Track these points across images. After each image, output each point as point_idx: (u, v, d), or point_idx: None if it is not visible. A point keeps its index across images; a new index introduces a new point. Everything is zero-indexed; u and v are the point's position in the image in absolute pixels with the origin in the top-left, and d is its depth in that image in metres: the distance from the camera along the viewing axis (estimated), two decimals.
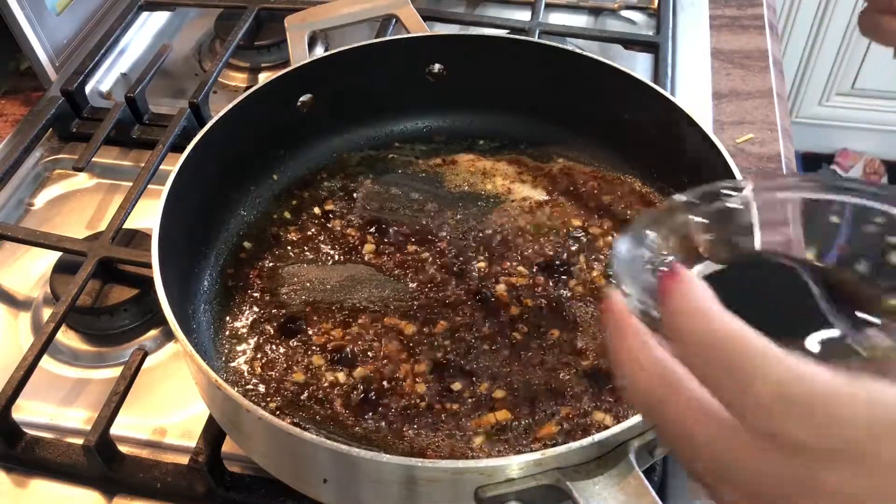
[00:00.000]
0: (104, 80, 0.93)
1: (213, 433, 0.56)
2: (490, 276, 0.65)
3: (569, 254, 0.67)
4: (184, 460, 0.56)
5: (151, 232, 0.57)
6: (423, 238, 0.69)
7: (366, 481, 0.47)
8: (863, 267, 0.36)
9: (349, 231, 0.70)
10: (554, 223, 0.70)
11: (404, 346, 0.61)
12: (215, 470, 0.56)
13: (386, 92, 0.76)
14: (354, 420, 0.57)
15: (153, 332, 0.69)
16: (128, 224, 0.71)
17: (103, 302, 0.68)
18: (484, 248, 0.68)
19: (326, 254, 0.68)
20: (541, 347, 0.61)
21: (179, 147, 0.65)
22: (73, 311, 0.65)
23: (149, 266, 0.55)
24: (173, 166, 0.61)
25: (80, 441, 0.56)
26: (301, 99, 0.73)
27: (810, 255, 0.38)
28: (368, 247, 0.68)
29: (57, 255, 0.71)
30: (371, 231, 0.70)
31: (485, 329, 0.62)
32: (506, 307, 0.63)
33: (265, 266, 0.68)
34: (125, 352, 0.67)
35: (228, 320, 0.64)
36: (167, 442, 0.61)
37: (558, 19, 0.99)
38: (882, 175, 2.22)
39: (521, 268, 0.66)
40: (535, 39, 0.85)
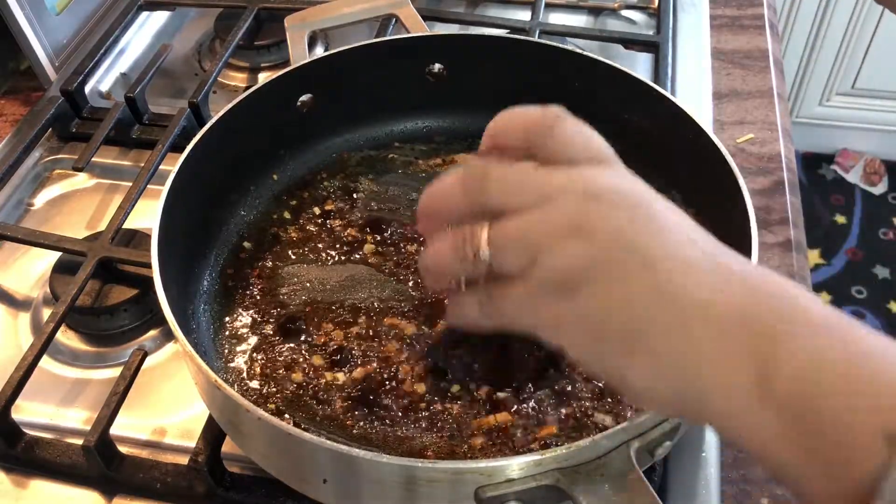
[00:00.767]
0: (104, 80, 0.93)
1: (213, 433, 0.56)
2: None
3: None
4: (184, 460, 0.56)
5: (151, 232, 0.56)
6: (424, 238, 0.69)
7: (366, 481, 0.47)
8: None
9: (349, 231, 0.70)
10: None
11: (404, 347, 0.61)
12: (215, 470, 0.56)
13: (386, 92, 0.76)
14: (354, 420, 0.57)
15: (153, 332, 0.69)
16: (127, 224, 0.71)
17: (103, 302, 0.68)
18: None
19: (326, 254, 0.68)
20: (542, 348, 0.61)
21: (179, 147, 0.65)
22: (73, 311, 0.65)
23: (148, 266, 0.55)
24: (173, 166, 0.61)
25: (80, 441, 0.56)
26: (301, 99, 0.73)
27: None
28: (368, 247, 0.68)
29: (56, 255, 0.71)
30: (371, 231, 0.70)
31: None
32: None
33: (265, 266, 0.68)
34: (125, 352, 0.67)
35: (228, 320, 0.64)
36: (167, 442, 0.61)
37: (558, 19, 0.99)
38: (882, 175, 2.22)
39: None
40: (535, 39, 0.85)
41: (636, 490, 0.43)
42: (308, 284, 0.66)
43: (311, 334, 0.62)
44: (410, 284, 0.65)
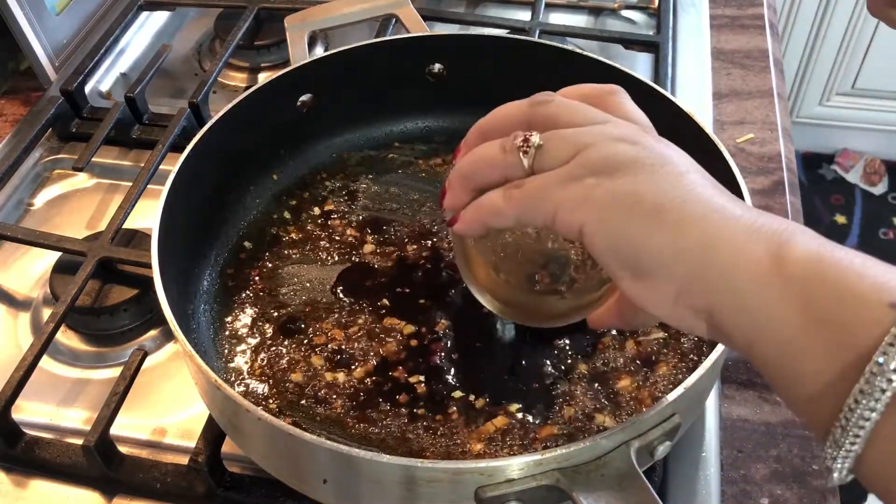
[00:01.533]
0: (104, 80, 0.93)
1: (213, 433, 0.56)
2: None
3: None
4: (184, 460, 0.56)
5: (151, 232, 0.57)
6: (423, 238, 0.69)
7: (365, 481, 0.47)
8: None
9: (349, 231, 0.70)
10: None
11: (404, 347, 0.61)
12: (215, 470, 0.56)
13: (386, 92, 0.76)
14: (354, 420, 0.57)
15: (153, 332, 0.69)
16: (127, 224, 0.71)
17: (103, 302, 0.68)
18: None
19: (326, 254, 0.68)
20: (543, 349, 0.61)
21: (179, 147, 0.65)
22: (73, 311, 0.65)
23: (148, 266, 0.55)
24: (173, 166, 0.61)
25: (80, 441, 0.56)
26: (301, 99, 0.73)
27: None
28: (368, 247, 0.68)
29: (56, 255, 0.71)
30: (371, 231, 0.70)
31: (486, 329, 0.62)
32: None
33: (265, 266, 0.68)
34: (125, 352, 0.67)
35: (228, 320, 0.64)
36: (167, 442, 0.61)
37: (558, 19, 0.99)
38: (882, 175, 2.22)
39: None
40: (535, 39, 0.85)
41: (636, 490, 0.43)
42: (308, 284, 0.66)
43: (311, 334, 0.62)
44: (410, 284, 0.65)
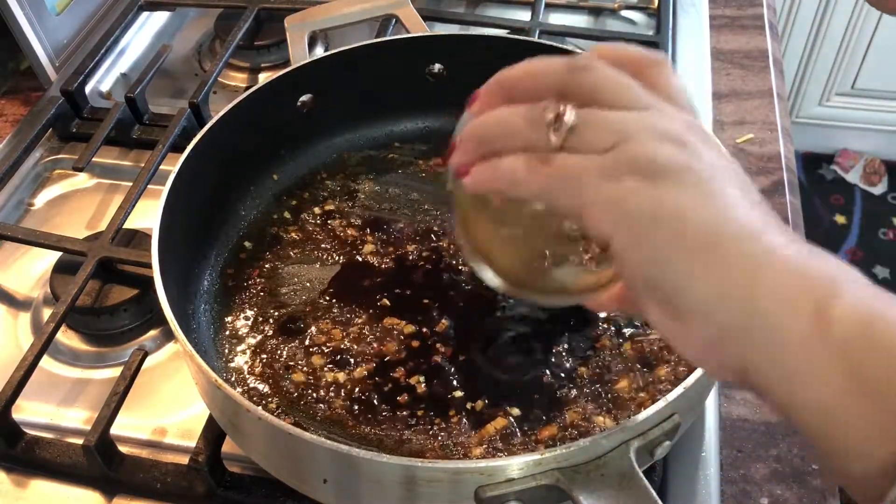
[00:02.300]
0: (104, 80, 0.93)
1: (213, 433, 0.56)
2: None
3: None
4: (184, 460, 0.56)
5: (151, 232, 0.57)
6: (423, 238, 0.69)
7: (365, 481, 0.47)
8: None
9: (349, 231, 0.70)
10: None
11: (404, 347, 0.61)
12: (215, 470, 0.56)
13: (386, 92, 0.76)
14: (354, 420, 0.57)
15: (153, 332, 0.69)
16: (128, 224, 0.71)
17: (103, 302, 0.68)
18: None
19: (326, 254, 0.68)
20: (543, 349, 0.61)
21: (179, 147, 0.65)
22: (73, 311, 0.65)
23: (149, 266, 0.55)
24: (173, 166, 0.61)
25: (80, 441, 0.56)
26: (301, 99, 0.73)
27: None
28: (368, 247, 0.68)
29: (57, 255, 0.71)
30: (371, 231, 0.70)
31: (487, 330, 0.62)
32: (507, 306, 0.63)
33: (265, 266, 0.68)
34: (125, 352, 0.67)
35: (228, 320, 0.64)
36: (167, 442, 0.61)
37: (558, 19, 0.99)
38: (882, 175, 2.22)
39: None
40: (535, 39, 0.85)
41: (636, 490, 0.43)
42: (308, 284, 0.66)
43: (311, 334, 0.62)
44: (410, 284, 0.65)
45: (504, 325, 0.62)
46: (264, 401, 0.59)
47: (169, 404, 0.64)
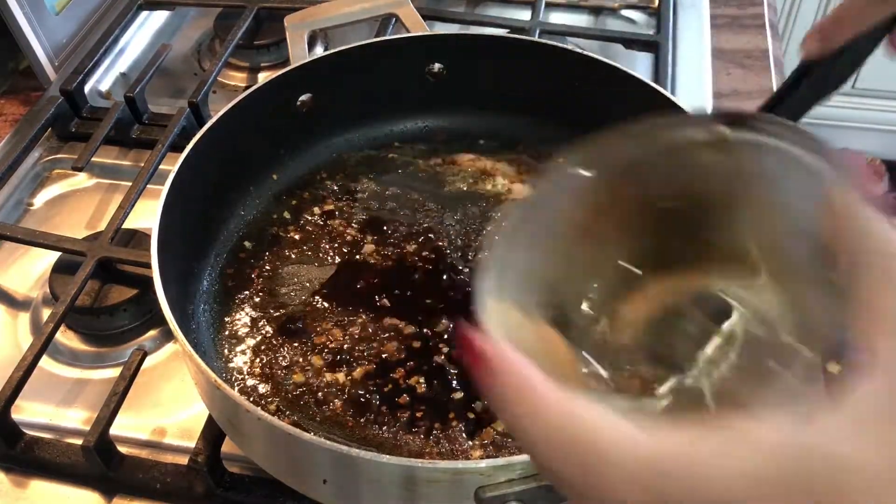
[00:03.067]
0: (103, 80, 0.93)
1: (213, 433, 0.56)
2: None
3: None
4: (183, 460, 0.56)
5: (151, 232, 0.56)
6: (423, 238, 0.69)
7: (365, 482, 0.47)
8: None
9: (349, 231, 0.70)
10: None
11: (404, 347, 0.61)
12: (215, 470, 0.56)
13: (386, 92, 0.76)
14: (354, 421, 0.57)
15: (153, 332, 0.69)
16: (127, 224, 0.71)
17: (102, 302, 0.68)
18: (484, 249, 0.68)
19: (326, 254, 0.68)
20: None
21: (179, 147, 0.65)
22: (73, 312, 0.65)
23: (148, 266, 0.55)
24: (173, 166, 0.61)
25: (80, 441, 0.56)
26: (301, 99, 0.73)
27: None
28: (368, 247, 0.68)
29: (56, 255, 0.71)
30: (371, 231, 0.69)
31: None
32: None
33: (265, 266, 0.67)
34: (125, 352, 0.67)
35: (228, 320, 0.64)
36: (167, 442, 0.61)
37: (558, 19, 0.99)
38: (882, 175, 2.22)
39: None
40: (535, 39, 0.84)
41: None
42: (308, 284, 0.66)
43: (311, 334, 0.62)
44: (410, 284, 0.65)
45: None
46: (264, 401, 0.59)
47: (169, 404, 0.63)
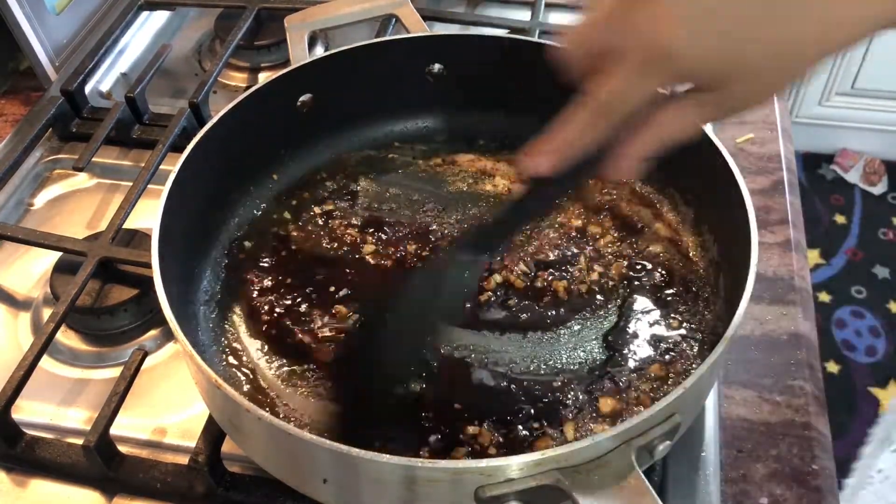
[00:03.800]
0: (104, 80, 0.93)
1: (213, 433, 0.56)
2: (491, 277, 0.65)
3: (569, 254, 0.67)
4: (184, 460, 0.56)
5: (151, 232, 0.57)
6: (424, 238, 0.69)
7: (366, 481, 0.47)
8: None
9: (349, 231, 0.70)
10: (554, 224, 0.70)
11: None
12: (215, 470, 0.56)
13: (386, 92, 0.76)
14: (354, 422, 0.57)
15: (153, 332, 0.69)
16: (128, 224, 0.71)
17: (103, 302, 0.68)
18: None
19: (326, 254, 0.68)
20: (542, 349, 0.61)
21: (179, 147, 0.65)
22: (73, 311, 0.65)
23: (149, 266, 0.55)
24: (173, 166, 0.61)
25: (80, 441, 0.56)
26: (301, 99, 0.73)
27: None
28: (368, 247, 0.68)
29: (57, 255, 0.71)
30: (371, 231, 0.70)
31: (485, 329, 0.62)
32: (507, 307, 0.63)
33: (265, 266, 0.68)
34: (125, 352, 0.67)
35: (229, 320, 0.64)
36: (167, 442, 0.61)
37: (558, 19, 0.99)
38: (882, 175, 2.22)
39: (522, 267, 0.66)
40: (535, 39, 0.84)
41: (636, 490, 0.43)
42: (308, 284, 0.66)
43: (311, 335, 0.62)
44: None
45: (504, 324, 0.62)
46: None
47: (169, 404, 0.64)
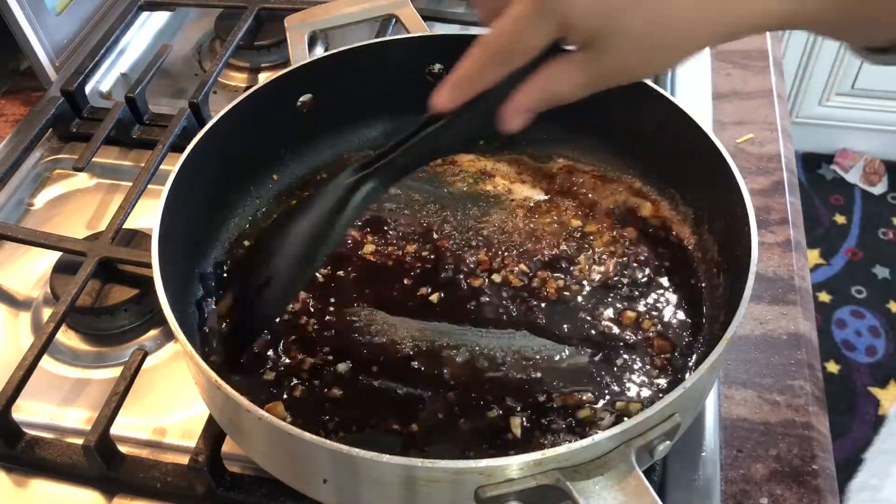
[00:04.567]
0: (104, 80, 0.93)
1: (213, 433, 0.56)
2: (490, 277, 0.65)
3: (569, 254, 0.67)
4: (184, 460, 0.56)
5: (151, 232, 0.57)
6: (424, 238, 0.69)
7: (366, 481, 0.47)
8: None
9: (349, 231, 0.70)
10: (554, 223, 0.70)
11: (405, 348, 0.61)
12: (215, 470, 0.56)
13: (386, 92, 0.76)
14: (354, 422, 0.57)
15: (153, 332, 0.69)
16: (128, 224, 0.71)
17: (103, 302, 0.68)
18: (484, 249, 0.68)
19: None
20: (542, 349, 0.61)
21: (179, 147, 0.65)
22: (73, 311, 0.65)
23: (149, 266, 0.55)
24: (173, 166, 0.61)
25: (80, 441, 0.56)
26: (301, 99, 0.73)
27: None
28: (368, 247, 0.68)
29: (57, 255, 0.71)
30: (371, 231, 0.70)
31: (485, 329, 0.62)
32: (507, 307, 0.63)
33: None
34: (125, 352, 0.67)
35: (229, 320, 0.64)
36: (167, 442, 0.61)
37: None
38: (882, 175, 2.22)
39: (522, 267, 0.66)
40: None
41: (636, 490, 0.43)
42: (308, 285, 0.66)
43: (312, 335, 0.62)
44: (411, 284, 0.65)
45: (504, 325, 0.62)
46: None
47: (169, 404, 0.64)
